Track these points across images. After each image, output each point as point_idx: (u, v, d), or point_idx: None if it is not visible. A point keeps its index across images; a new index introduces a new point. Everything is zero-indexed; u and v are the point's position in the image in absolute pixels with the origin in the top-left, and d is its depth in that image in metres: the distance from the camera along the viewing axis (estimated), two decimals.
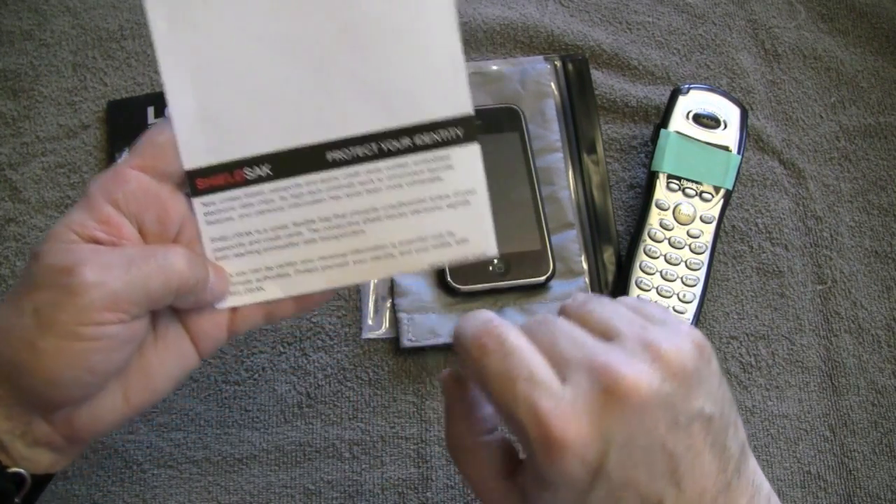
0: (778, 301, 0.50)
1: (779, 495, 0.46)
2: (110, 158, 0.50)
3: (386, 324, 0.48)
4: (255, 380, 0.46)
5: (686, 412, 0.28)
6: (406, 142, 0.34)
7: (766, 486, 0.32)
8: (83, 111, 0.52)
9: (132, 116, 0.51)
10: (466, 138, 0.34)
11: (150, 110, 0.51)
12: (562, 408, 0.27)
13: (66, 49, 0.53)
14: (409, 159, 0.34)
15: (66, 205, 0.49)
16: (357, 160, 0.34)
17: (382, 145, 0.34)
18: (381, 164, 0.34)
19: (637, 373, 0.27)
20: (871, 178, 0.54)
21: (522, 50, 0.55)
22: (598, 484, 0.28)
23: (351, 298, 0.48)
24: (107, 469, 0.44)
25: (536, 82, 0.53)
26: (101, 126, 0.51)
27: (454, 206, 0.34)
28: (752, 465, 0.31)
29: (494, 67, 0.53)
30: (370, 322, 0.47)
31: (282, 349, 0.47)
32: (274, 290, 0.35)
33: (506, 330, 0.29)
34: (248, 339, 0.47)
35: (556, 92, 0.53)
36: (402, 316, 0.47)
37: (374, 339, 0.47)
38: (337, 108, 0.34)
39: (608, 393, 0.27)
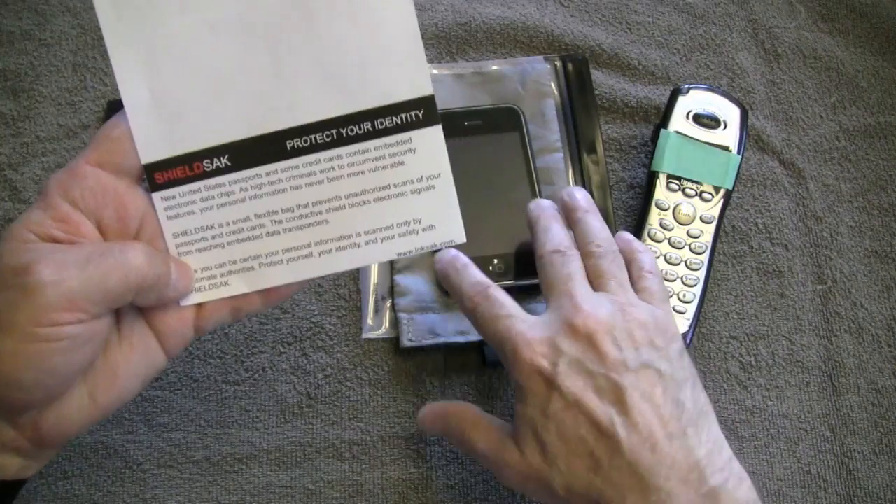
0: (778, 301, 0.50)
1: (778, 495, 0.46)
2: None
3: (386, 324, 0.48)
4: (255, 380, 0.46)
5: (635, 360, 0.34)
6: (366, 126, 0.33)
7: (728, 451, 0.35)
8: (83, 111, 0.52)
9: None
10: (427, 120, 0.33)
11: None
12: (528, 329, 0.36)
13: (66, 49, 0.53)
14: (371, 144, 0.33)
15: None
16: (317, 147, 0.33)
17: (342, 131, 0.33)
18: (342, 150, 0.33)
19: (594, 311, 0.35)
20: (871, 178, 0.54)
21: (522, 50, 0.55)
22: (554, 395, 0.34)
23: (351, 298, 0.48)
24: (107, 469, 0.44)
25: (536, 82, 0.53)
26: (100, 126, 0.51)
27: (419, 191, 0.34)
28: (716, 432, 0.35)
29: (494, 67, 0.53)
30: (370, 322, 0.47)
31: (282, 349, 0.47)
32: (239, 285, 0.34)
33: (491, 288, 0.38)
34: (248, 339, 0.47)
35: (556, 92, 0.53)
36: (402, 316, 0.47)
37: (374, 339, 0.47)
38: (294, 94, 0.33)
39: (567, 322, 0.35)
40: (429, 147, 0.33)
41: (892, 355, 0.50)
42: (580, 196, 0.42)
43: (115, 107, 0.51)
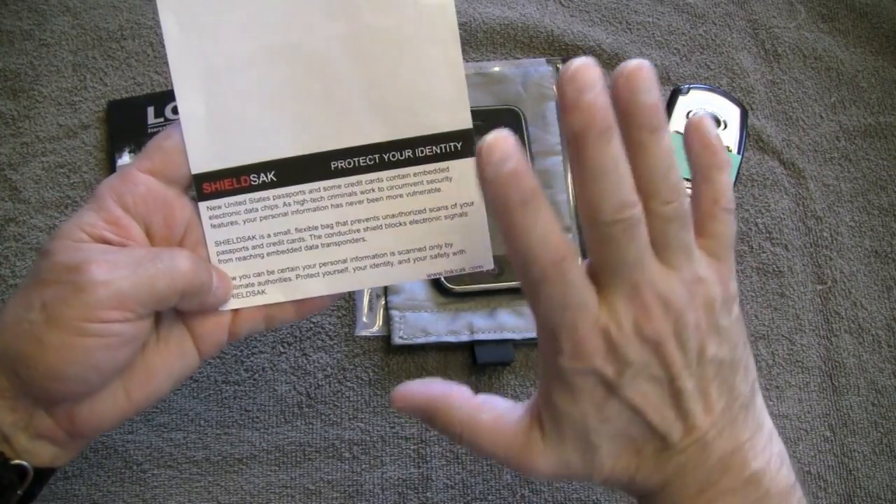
0: (778, 301, 0.50)
1: None
2: (110, 158, 0.50)
3: (379, 321, 0.48)
4: (255, 380, 0.46)
5: (698, 360, 0.31)
6: (408, 153, 0.35)
7: (768, 424, 0.34)
8: (83, 111, 0.52)
9: (132, 116, 0.51)
10: (465, 152, 0.35)
11: (150, 110, 0.51)
12: (595, 333, 0.30)
13: (66, 49, 0.53)
14: (410, 170, 0.35)
15: (66, 205, 0.49)
16: (359, 170, 0.35)
17: (385, 156, 0.35)
18: (383, 174, 0.35)
19: (665, 313, 0.30)
20: (871, 178, 0.54)
21: (522, 50, 0.55)
22: (612, 399, 0.31)
23: (350, 299, 0.48)
24: (107, 469, 0.44)
25: (538, 84, 0.53)
26: (101, 126, 0.51)
27: (452, 217, 0.35)
28: (759, 403, 0.34)
29: (497, 69, 0.53)
30: (364, 320, 0.48)
31: (282, 349, 0.47)
32: (275, 294, 0.36)
33: (569, 264, 0.29)
34: (248, 339, 0.47)
35: (557, 94, 0.53)
36: (395, 314, 0.47)
37: (373, 340, 0.47)
38: (342, 119, 0.35)
39: (636, 324, 0.30)
40: (465, 176, 0.35)
41: (892, 355, 0.50)
42: (649, 85, 0.29)
43: (115, 107, 0.51)
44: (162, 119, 0.51)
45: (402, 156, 0.35)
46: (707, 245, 0.32)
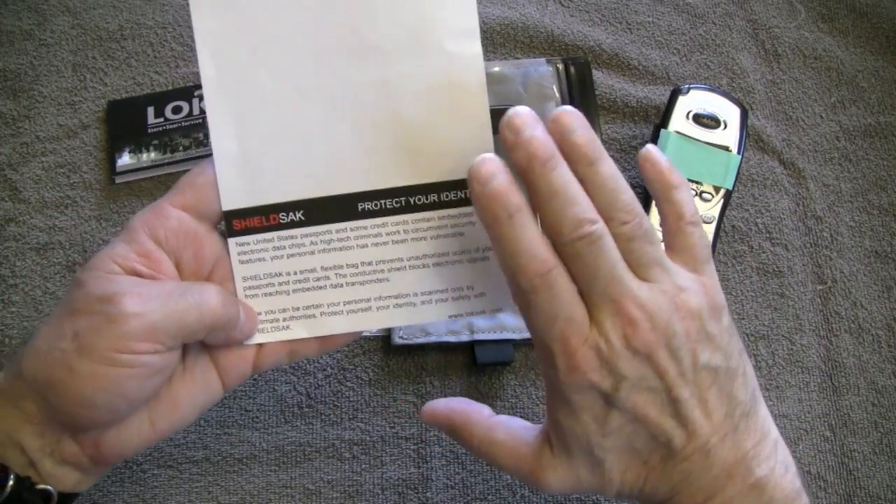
0: (778, 301, 0.50)
1: None
2: (110, 158, 0.50)
3: None
4: (255, 380, 0.46)
5: (692, 368, 0.32)
6: (433, 197, 0.36)
7: (773, 433, 0.35)
8: (83, 111, 0.52)
9: (132, 116, 0.51)
10: None
11: (150, 110, 0.51)
12: (586, 348, 0.31)
13: (66, 49, 0.53)
14: (435, 214, 0.36)
15: (66, 205, 0.49)
16: (386, 212, 0.36)
17: (411, 199, 0.36)
18: (408, 216, 0.36)
19: (651, 324, 0.31)
20: (871, 178, 0.54)
21: (522, 50, 0.55)
22: (613, 412, 0.32)
23: None
24: None
25: (539, 84, 0.53)
26: (101, 126, 0.51)
27: (474, 261, 0.36)
28: (763, 412, 0.34)
29: (497, 69, 0.53)
30: None
31: None
32: (299, 330, 0.37)
33: (555, 276, 0.31)
34: None
35: (557, 95, 0.53)
36: None
37: (373, 340, 0.47)
38: (370, 161, 0.35)
39: (624, 338, 0.31)
40: None
41: (892, 355, 0.50)
42: (577, 125, 0.32)
43: (115, 107, 0.51)
44: (162, 119, 0.51)
45: (427, 200, 0.35)
46: (682, 260, 0.34)
